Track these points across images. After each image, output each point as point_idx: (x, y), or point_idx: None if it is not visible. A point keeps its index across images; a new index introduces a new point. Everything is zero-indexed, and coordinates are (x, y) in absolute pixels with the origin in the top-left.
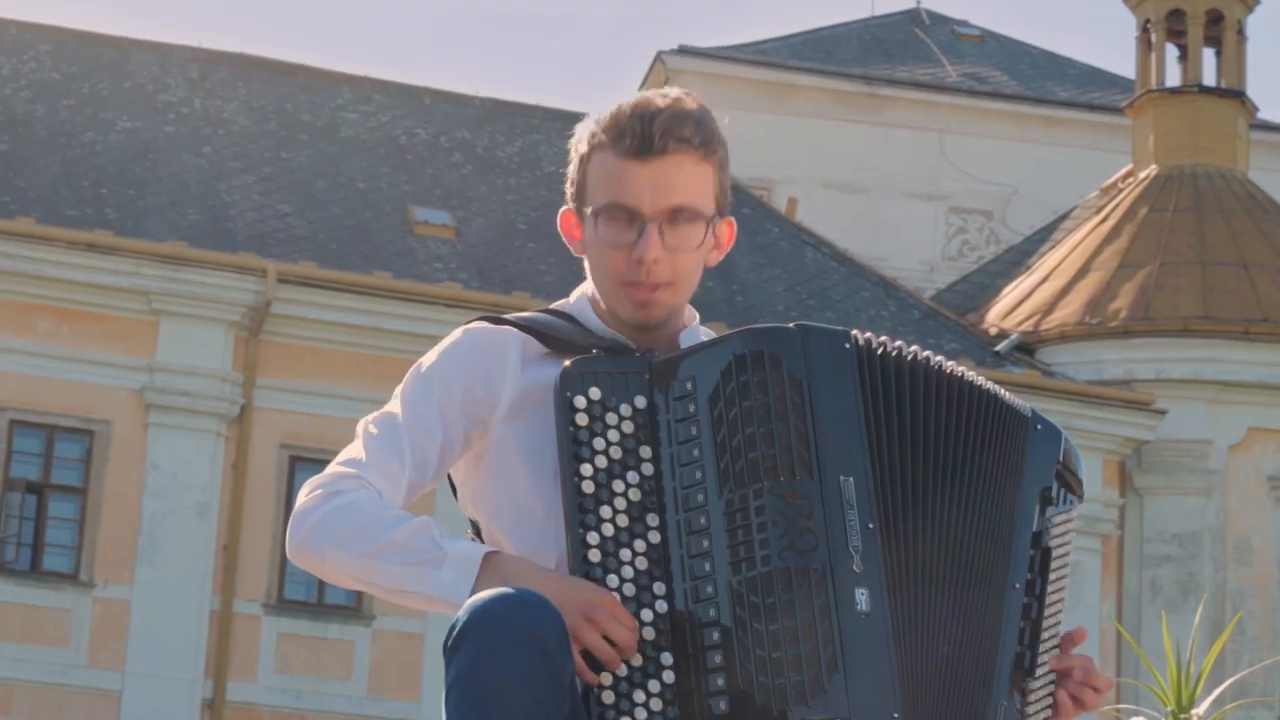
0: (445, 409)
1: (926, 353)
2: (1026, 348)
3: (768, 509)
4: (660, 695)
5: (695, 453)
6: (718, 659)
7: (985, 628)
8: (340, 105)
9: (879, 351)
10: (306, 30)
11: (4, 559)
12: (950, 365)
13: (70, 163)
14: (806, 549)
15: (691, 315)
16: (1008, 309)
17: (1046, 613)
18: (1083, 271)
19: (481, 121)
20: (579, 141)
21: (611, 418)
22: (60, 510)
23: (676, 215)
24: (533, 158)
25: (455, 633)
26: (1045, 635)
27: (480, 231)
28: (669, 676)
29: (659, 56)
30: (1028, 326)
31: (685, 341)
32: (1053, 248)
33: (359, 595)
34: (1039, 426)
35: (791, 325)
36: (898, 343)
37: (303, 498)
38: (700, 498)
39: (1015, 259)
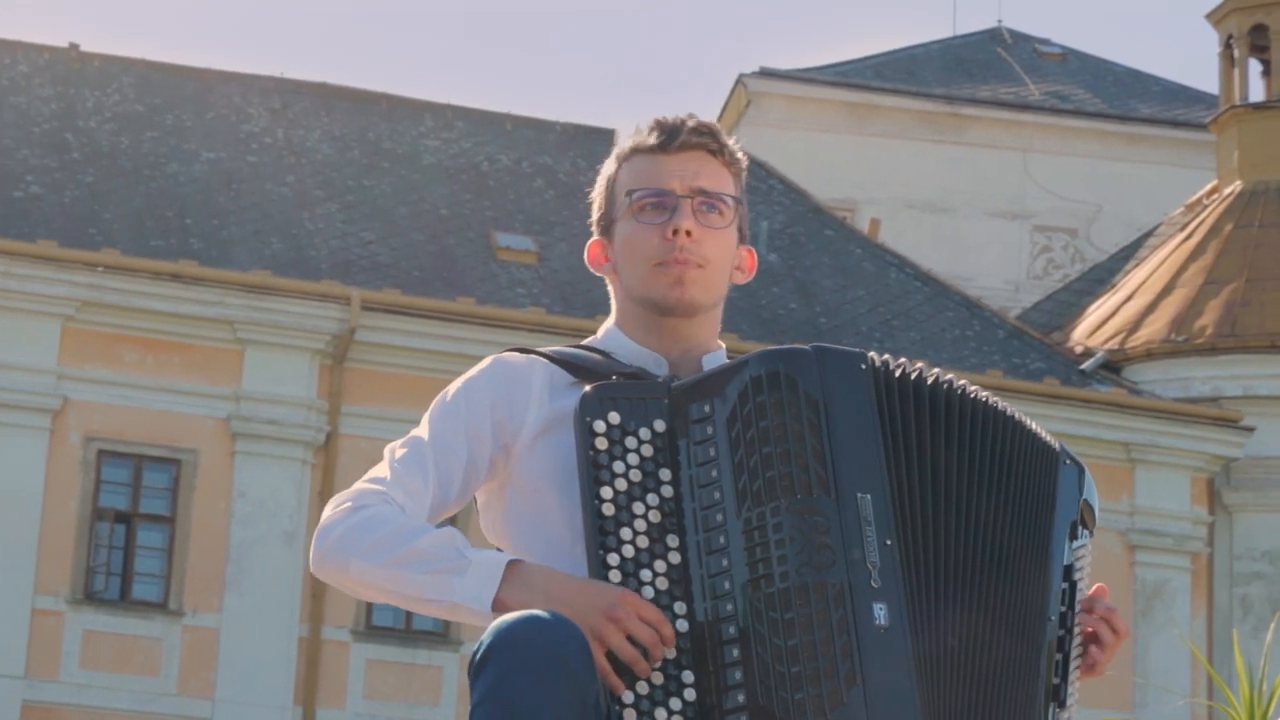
0: (472, 430)
1: (949, 376)
2: (1112, 366)
3: (785, 526)
4: (682, 713)
5: (714, 474)
6: (738, 675)
7: (1024, 654)
8: (422, 133)
9: (896, 372)
10: (388, 59)
11: (94, 589)
12: (975, 390)
13: (154, 194)
14: (824, 564)
15: (719, 344)
16: (1093, 327)
17: (1074, 644)
18: (1168, 289)
19: (563, 146)
20: (606, 168)
21: (631, 441)
22: (149, 539)
23: (705, 196)
24: None
25: (480, 654)
26: (1073, 666)
27: (562, 256)
28: (690, 694)
29: (740, 79)
30: (1113, 345)
31: (709, 366)
32: (1137, 265)
33: (445, 622)
34: (1068, 461)
35: (808, 346)
36: (918, 364)
37: (327, 512)
38: (719, 517)
39: (1100, 277)
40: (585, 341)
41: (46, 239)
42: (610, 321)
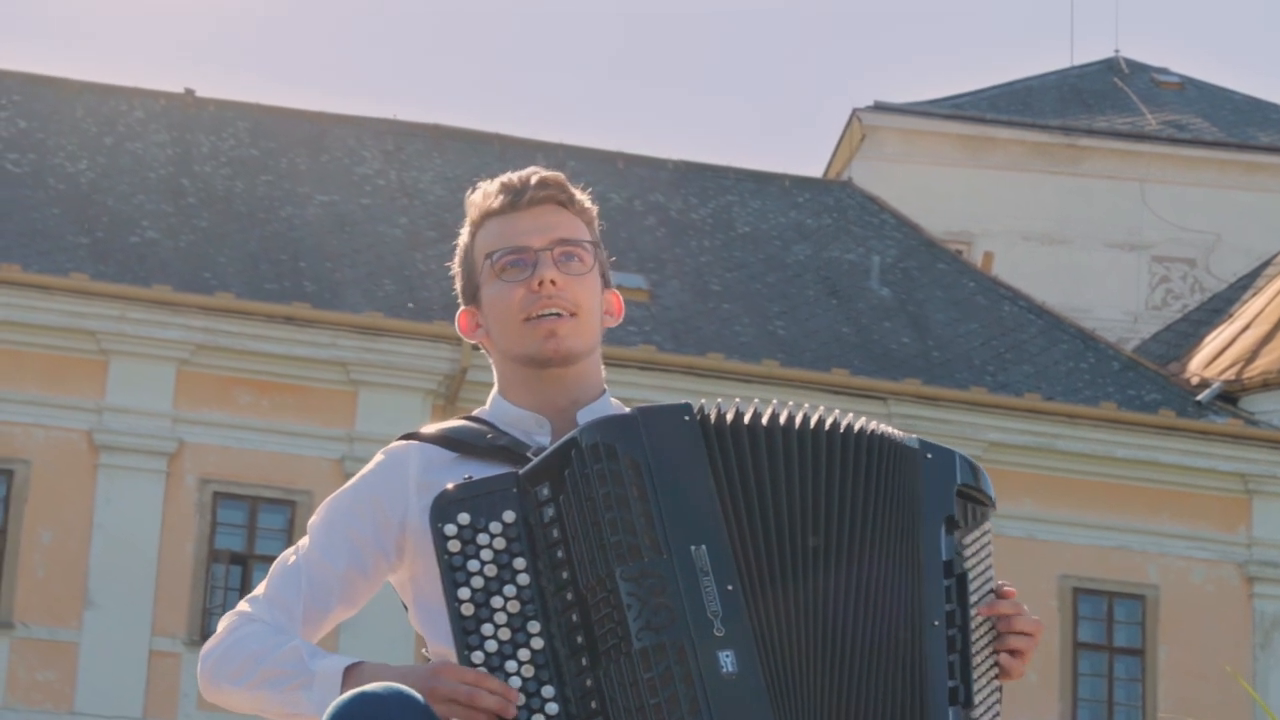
0: (351, 536)
1: (787, 408)
2: (1229, 396)
3: (622, 593)
4: None
5: (560, 554)
6: None
7: (904, 671)
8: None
9: (728, 416)
10: (500, 99)
11: (210, 630)
12: (817, 415)
13: (268, 237)
14: (661, 625)
15: (601, 389)
16: (1210, 357)
17: (974, 637)
18: None
19: (675, 184)
20: (461, 238)
21: (483, 538)
22: None
23: (563, 245)
24: (726, 219)
25: None
26: (979, 660)
27: (675, 294)
28: None
29: (855, 114)
30: (1230, 375)
31: (585, 418)
32: (1255, 294)
33: None
34: (929, 455)
35: (629, 410)
36: (753, 404)
37: (217, 631)
38: (570, 596)
39: (1218, 307)
40: (474, 412)
41: (162, 283)
42: (494, 389)
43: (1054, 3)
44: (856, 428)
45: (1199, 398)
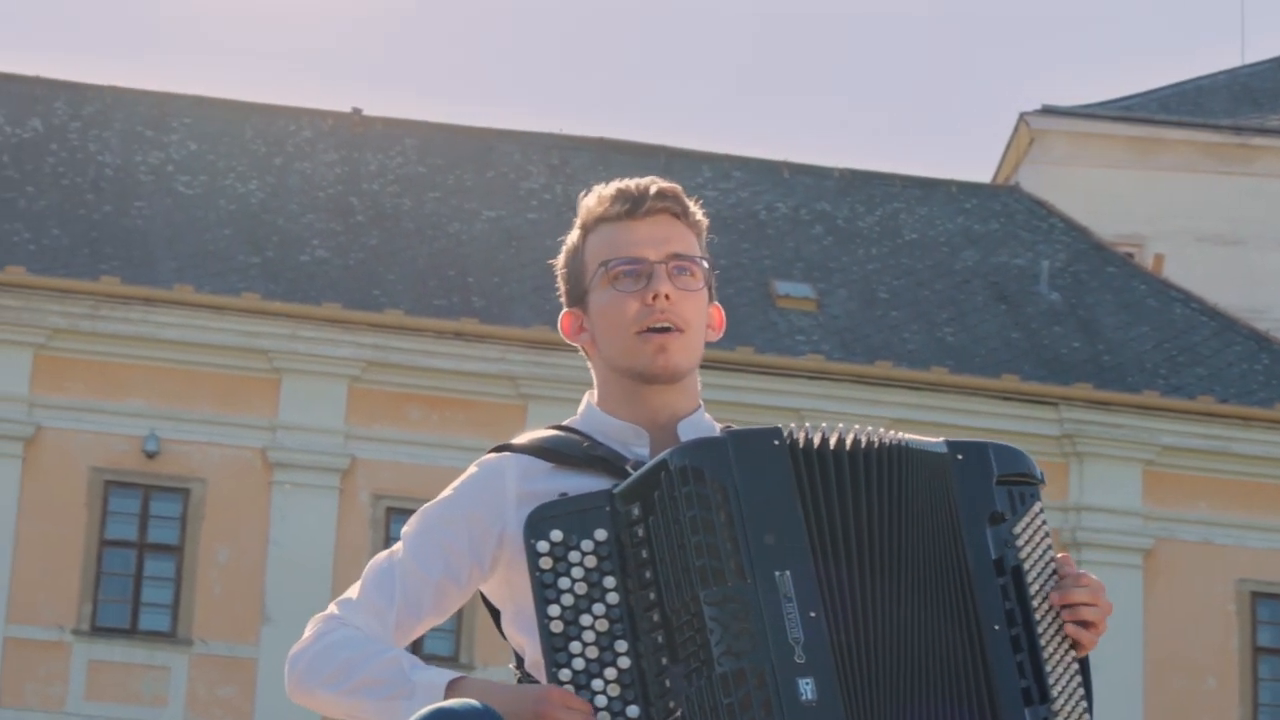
0: (445, 546)
1: (869, 430)
2: None
3: (706, 617)
4: None
5: (648, 574)
6: None
7: (973, 684)
8: (700, 183)
9: (814, 442)
10: (665, 111)
11: None
12: (886, 436)
13: (437, 253)
14: (743, 650)
15: (697, 404)
16: None
17: (1040, 628)
18: None
19: (841, 192)
20: (571, 238)
21: (574, 555)
22: None
23: (678, 260)
24: (893, 226)
25: None
26: (1050, 649)
27: (842, 302)
28: None
29: (1022, 118)
30: None
31: (685, 433)
32: None
33: None
34: (960, 456)
35: (720, 433)
36: (838, 428)
37: (304, 636)
38: (656, 617)
39: None
40: (566, 421)
41: (332, 301)
42: (590, 397)
43: (1224, 1)
44: (910, 443)
45: None
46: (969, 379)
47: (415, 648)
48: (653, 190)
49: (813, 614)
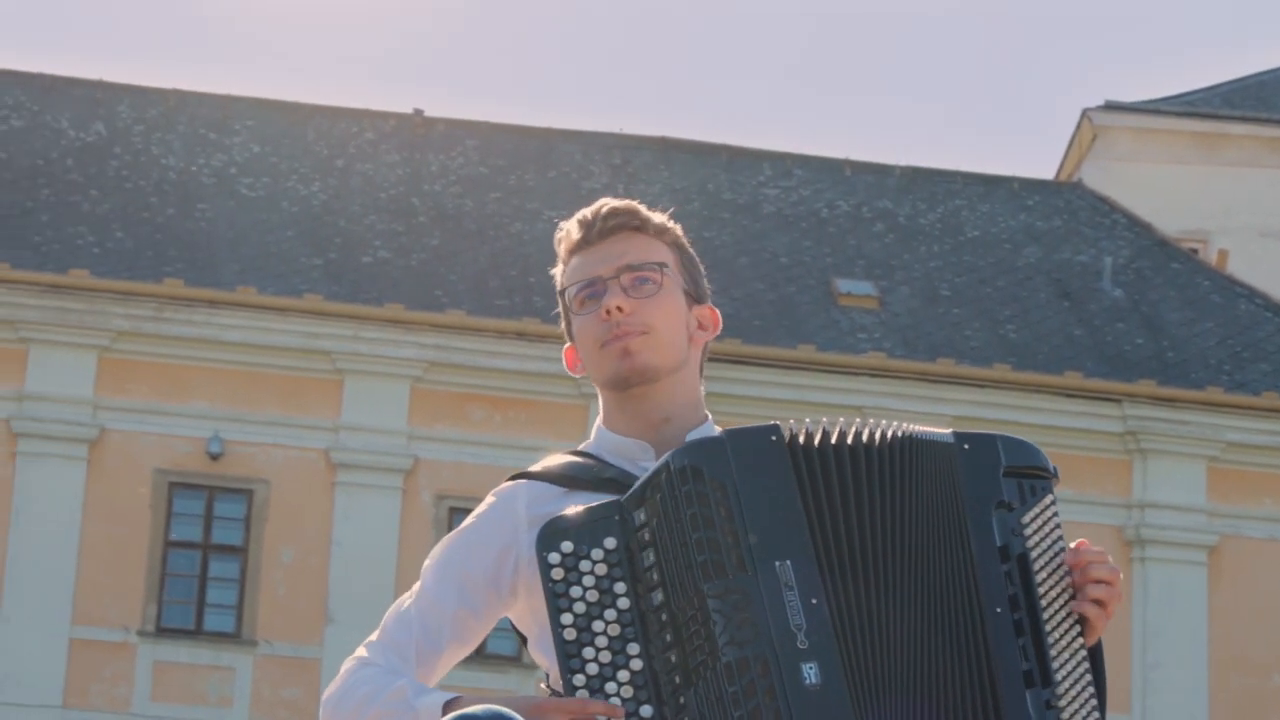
0: (462, 579)
1: (871, 422)
2: None
3: (709, 610)
4: None
5: (655, 576)
6: None
7: (973, 666)
8: (761, 182)
9: (813, 435)
10: (726, 110)
11: None
12: (890, 428)
13: (498, 254)
14: (745, 639)
15: (704, 415)
16: None
17: (1046, 615)
18: None
19: (902, 190)
20: (556, 279)
21: (585, 565)
22: None
23: (632, 270)
24: (954, 224)
25: None
26: (1057, 634)
27: (904, 300)
28: None
29: (1085, 114)
30: None
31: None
32: None
33: None
34: (966, 445)
35: (719, 433)
36: (839, 421)
37: (332, 683)
38: (664, 617)
39: None
40: (579, 446)
41: (394, 302)
42: (599, 420)
43: None
44: (913, 433)
45: None
46: (1031, 376)
47: (479, 648)
48: (604, 211)
49: (814, 601)
